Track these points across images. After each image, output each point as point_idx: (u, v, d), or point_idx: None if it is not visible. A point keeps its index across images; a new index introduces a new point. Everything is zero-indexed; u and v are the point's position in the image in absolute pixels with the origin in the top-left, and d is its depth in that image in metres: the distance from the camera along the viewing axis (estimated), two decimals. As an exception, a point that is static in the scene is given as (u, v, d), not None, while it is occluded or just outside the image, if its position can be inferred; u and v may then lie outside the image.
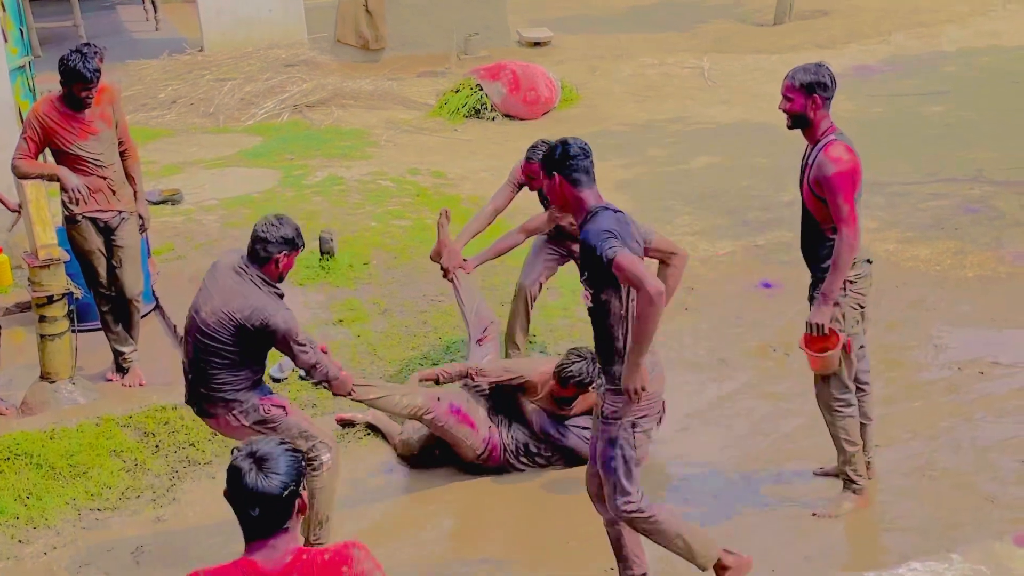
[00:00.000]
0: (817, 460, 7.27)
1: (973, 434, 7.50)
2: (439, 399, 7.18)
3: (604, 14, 21.54)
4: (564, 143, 5.54)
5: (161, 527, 6.95)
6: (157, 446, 7.64)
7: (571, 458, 7.36)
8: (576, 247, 7.78)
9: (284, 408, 6.34)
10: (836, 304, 6.32)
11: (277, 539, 3.44)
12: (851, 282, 6.36)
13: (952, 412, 7.77)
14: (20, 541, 6.85)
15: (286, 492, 3.40)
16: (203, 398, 6.33)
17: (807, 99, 6.28)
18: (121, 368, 8.45)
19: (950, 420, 7.67)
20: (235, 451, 3.49)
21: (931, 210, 11.08)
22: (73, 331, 8.10)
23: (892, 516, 6.72)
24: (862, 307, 6.44)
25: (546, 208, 8.10)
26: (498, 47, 18.09)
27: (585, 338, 8.08)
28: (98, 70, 7.77)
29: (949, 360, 8.46)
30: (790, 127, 6.46)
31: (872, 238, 10.49)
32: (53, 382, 8.05)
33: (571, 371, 7.20)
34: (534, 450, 7.39)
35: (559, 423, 7.40)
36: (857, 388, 6.70)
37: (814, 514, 6.69)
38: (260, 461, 3.41)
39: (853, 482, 6.70)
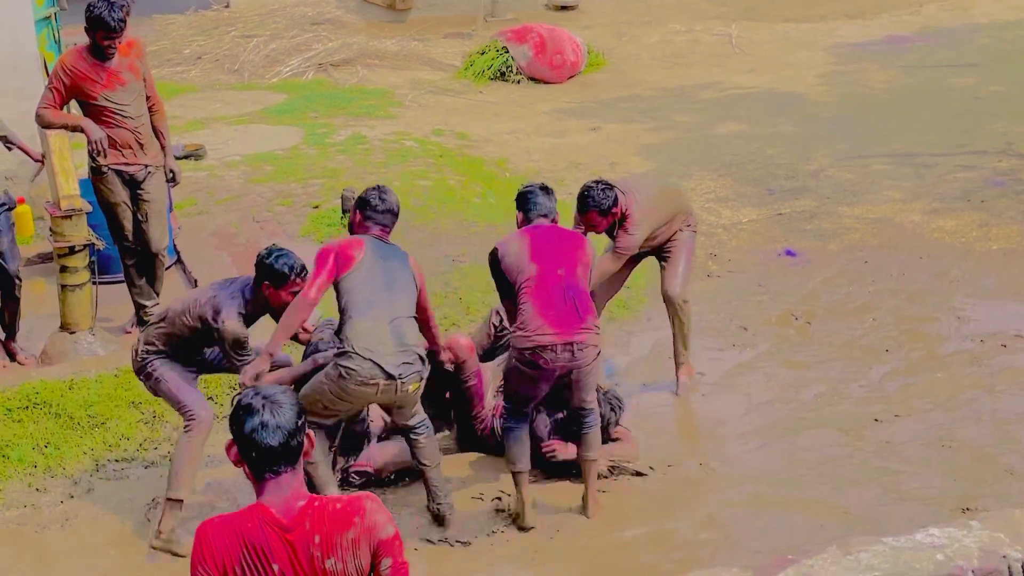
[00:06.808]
0: (837, 428, 7.24)
1: (994, 406, 7.47)
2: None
3: (633, -21, 21.37)
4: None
5: (178, 479, 6.95)
6: (176, 399, 7.63)
7: None
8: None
9: None
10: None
11: (288, 477, 3.45)
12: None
13: (973, 384, 7.72)
14: (37, 489, 6.87)
15: (300, 421, 3.47)
16: None
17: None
18: (142, 321, 8.43)
19: (971, 392, 7.63)
20: (237, 396, 3.53)
21: (958, 182, 10.98)
22: (94, 283, 8.11)
23: (910, 486, 6.68)
24: (343, 394, 6.19)
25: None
26: (525, 10, 17.97)
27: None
28: (123, 20, 7.72)
29: (971, 332, 8.40)
30: None
31: (898, 208, 10.43)
32: (73, 333, 8.06)
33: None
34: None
35: None
36: (408, 437, 6.48)
37: None
38: (267, 399, 3.46)
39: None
